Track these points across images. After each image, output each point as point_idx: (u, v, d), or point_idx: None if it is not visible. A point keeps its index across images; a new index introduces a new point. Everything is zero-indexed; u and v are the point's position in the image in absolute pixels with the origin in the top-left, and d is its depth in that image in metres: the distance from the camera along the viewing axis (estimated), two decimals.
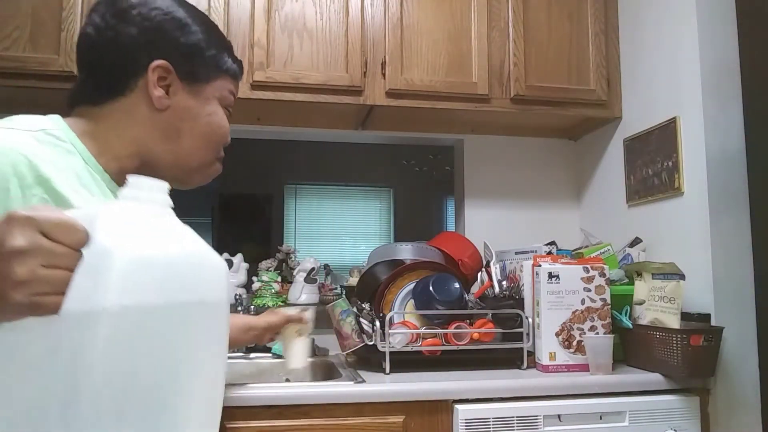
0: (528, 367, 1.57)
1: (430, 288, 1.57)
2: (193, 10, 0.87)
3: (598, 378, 1.48)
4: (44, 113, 0.79)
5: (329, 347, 1.86)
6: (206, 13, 1.74)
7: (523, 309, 1.62)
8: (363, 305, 1.66)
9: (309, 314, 1.42)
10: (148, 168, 0.83)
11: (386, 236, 6.04)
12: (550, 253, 1.77)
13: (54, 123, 0.76)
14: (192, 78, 0.84)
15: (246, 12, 1.80)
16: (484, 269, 1.77)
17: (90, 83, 0.82)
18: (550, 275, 1.56)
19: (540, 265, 1.59)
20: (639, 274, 1.66)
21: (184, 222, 0.63)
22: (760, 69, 1.67)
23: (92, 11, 0.82)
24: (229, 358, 1.77)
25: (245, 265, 2.12)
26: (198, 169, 0.88)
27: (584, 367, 1.54)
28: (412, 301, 1.63)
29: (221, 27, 1.75)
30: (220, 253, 1.82)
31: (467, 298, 1.64)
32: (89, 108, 0.81)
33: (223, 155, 0.92)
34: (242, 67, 0.95)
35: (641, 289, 1.64)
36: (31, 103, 1.88)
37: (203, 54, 0.86)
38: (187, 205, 1.06)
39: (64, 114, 0.81)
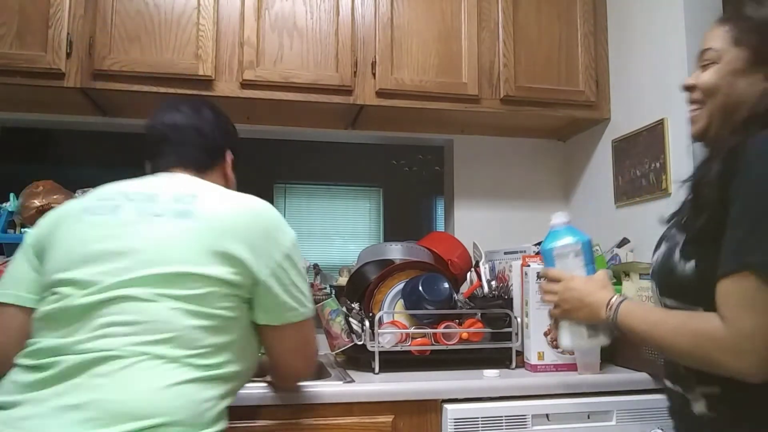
0: (517, 366, 1.58)
1: (420, 288, 1.57)
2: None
3: (586, 377, 1.49)
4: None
5: (319, 347, 1.85)
6: (195, 11, 1.75)
7: (512, 309, 1.62)
8: (352, 305, 1.66)
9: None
10: None
11: (376, 236, 6.03)
12: (538, 253, 1.78)
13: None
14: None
15: (236, 10, 1.79)
16: (473, 269, 1.78)
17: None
18: (539, 275, 1.56)
19: (529, 265, 1.60)
20: (627, 275, 1.67)
21: None
22: None
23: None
24: None
25: None
26: None
27: (572, 367, 1.54)
28: (401, 301, 1.62)
29: (210, 25, 1.75)
30: None
31: (456, 297, 1.65)
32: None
33: None
34: None
35: (629, 289, 1.64)
36: (17, 100, 1.87)
37: None
38: None
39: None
